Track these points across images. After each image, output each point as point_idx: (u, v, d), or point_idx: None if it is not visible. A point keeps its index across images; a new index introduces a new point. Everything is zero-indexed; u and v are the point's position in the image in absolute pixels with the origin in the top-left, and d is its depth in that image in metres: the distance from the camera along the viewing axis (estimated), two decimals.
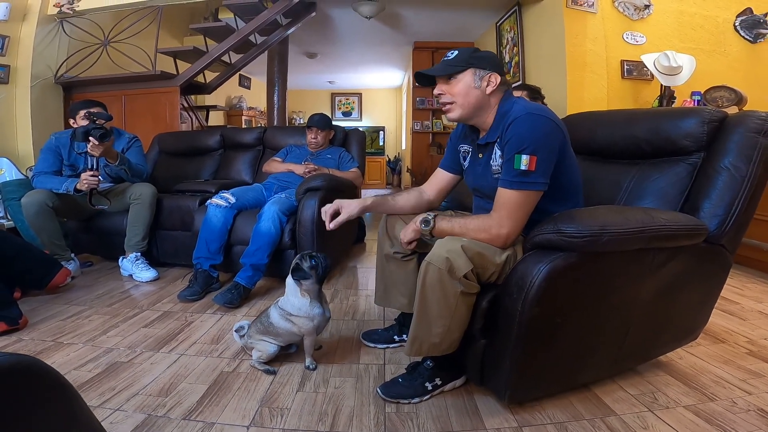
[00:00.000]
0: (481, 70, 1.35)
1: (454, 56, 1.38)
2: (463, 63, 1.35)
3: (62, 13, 4.02)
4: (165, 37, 4.76)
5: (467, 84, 1.36)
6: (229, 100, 7.46)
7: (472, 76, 1.36)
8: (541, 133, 1.24)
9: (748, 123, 1.36)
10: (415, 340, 1.34)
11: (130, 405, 1.37)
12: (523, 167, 1.22)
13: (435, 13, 5.18)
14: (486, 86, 1.35)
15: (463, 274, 1.22)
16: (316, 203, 2.43)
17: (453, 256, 1.22)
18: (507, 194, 1.26)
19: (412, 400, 1.41)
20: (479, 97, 1.36)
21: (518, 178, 1.24)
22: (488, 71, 1.35)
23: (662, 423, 1.29)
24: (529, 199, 1.25)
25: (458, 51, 1.38)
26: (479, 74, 1.35)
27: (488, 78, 1.35)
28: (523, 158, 1.22)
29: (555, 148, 1.27)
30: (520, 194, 1.25)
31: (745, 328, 1.97)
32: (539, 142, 1.23)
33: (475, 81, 1.35)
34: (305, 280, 1.55)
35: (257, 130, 3.59)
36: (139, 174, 2.80)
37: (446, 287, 1.24)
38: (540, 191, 1.26)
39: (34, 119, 3.91)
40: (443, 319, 1.28)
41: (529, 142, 1.23)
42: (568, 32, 3.65)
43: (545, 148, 1.24)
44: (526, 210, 1.26)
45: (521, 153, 1.22)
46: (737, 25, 3.84)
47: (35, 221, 2.50)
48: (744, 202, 1.33)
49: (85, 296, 2.39)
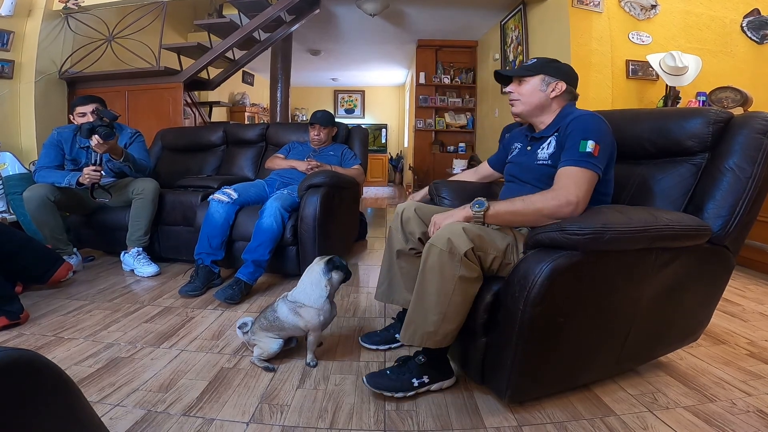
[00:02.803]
0: (550, 77, 1.48)
1: (532, 63, 1.53)
2: (536, 69, 1.50)
3: (67, 9, 4.02)
4: (169, 33, 4.76)
5: (534, 86, 1.50)
6: (232, 96, 7.47)
7: (540, 81, 1.49)
8: (604, 128, 1.37)
9: (753, 124, 1.35)
10: (410, 324, 1.36)
11: (130, 400, 1.38)
12: (588, 149, 1.31)
13: (439, 11, 5.16)
14: (551, 91, 1.48)
15: (464, 252, 1.24)
16: (318, 200, 2.44)
17: (454, 237, 1.26)
18: (573, 170, 1.31)
19: (396, 394, 1.40)
20: (542, 99, 1.49)
21: (584, 158, 1.31)
22: (557, 79, 1.48)
23: (662, 423, 1.29)
24: (591, 179, 1.31)
25: (537, 59, 1.54)
26: (547, 80, 1.48)
27: (555, 85, 1.48)
28: (588, 143, 1.32)
29: (611, 146, 1.38)
30: (585, 171, 1.30)
31: (746, 329, 1.96)
32: (602, 134, 1.35)
33: (542, 85, 1.49)
34: (339, 274, 1.59)
35: (260, 127, 3.59)
36: (142, 170, 2.81)
37: (445, 270, 1.26)
38: (598, 175, 1.33)
39: (37, 114, 3.92)
40: (440, 306, 1.29)
41: (593, 132, 1.34)
42: (574, 31, 3.64)
43: (606, 141, 1.35)
44: (589, 186, 1.30)
45: (586, 139, 1.32)
46: (744, 26, 3.82)
47: (37, 215, 2.50)
48: (748, 204, 1.32)
49: (86, 291, 2.40)
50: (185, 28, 5.65)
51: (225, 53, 4.46)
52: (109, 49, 4.17)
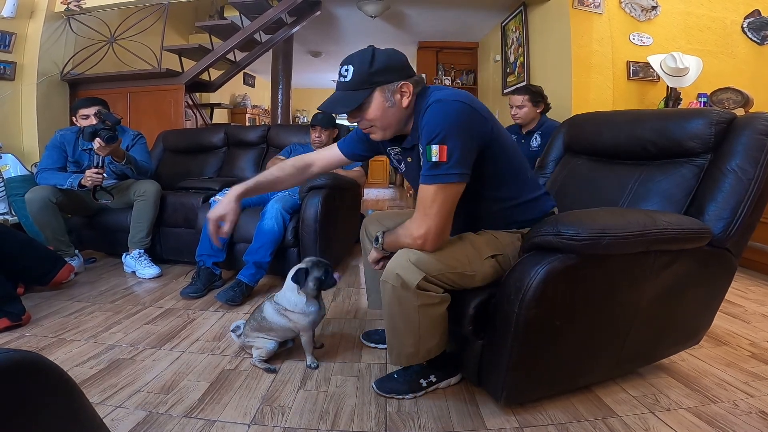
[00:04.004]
0: (388, 85, 1.21)
1: (350, 78, 1.21)
2: (365, 84, 1.20)
3: (69, 10, 4.03)
4: (171, 35, 4.78)
5: (379, 106, 1.22)
6: (233, 98, 7.48)
7: (381, 96, 1.21)
8: (451, 119, 1.13)
9: (756, 125, 1.35)
10: (392, 349, 1.38)
11: (132, 402, 1.38)
12: (434, 158, 1.11)
13: (440, 12, 5.16)
14: (400, 99, 1.23)
15: (416, 285, 1.18)
16: (319, 202, 2.44)
17: (402, 271, 1.20)
18: (422, 190, 1.17)
19: (406, 395, 1.42)
20: (397, 113, 1.24)
21: (430, 171, 1.14)
22: (396, 83, 1.21)
23: (663, 425, 1.28)
24: (445, 193, 1.15)
25: (353, 68, 1.21)
26: (389, 90, 1.21)
27: (400, 89, 1.22)
28: (433, 149, 1.11)
29: (472, 133, 1.15)
30: (434, 188, 1.14)
31: (748, 330, 1.96)
32: (449, 129, 1.12)
33: (387, 99, 1.22)
34: (313, 282, 1.54)
35: (261, 128, 3.60)
36: (144, 172, 2.81)
37: (403, 303, 1.24)
38: (458, 182, 1.15)
39: (39, 116, 3.92)
40: (411, 332, 1.29)
41: (437, 130, 1.12)
42: (574, 33, 3.64)
43: (457, 135, 1.12)
44: (443, 205, 1.16)
45: (431, 143, 1.12)
46: (745, 27, 3.82)
47: (39, 217, 2.51)
48: (750, 206, 1.31)
49: (88, 292, 2.40)
50: (186, 30, 5.66)
51: (226, 55, 4.47)
52: (110, 50, 4.18)
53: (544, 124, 2.95)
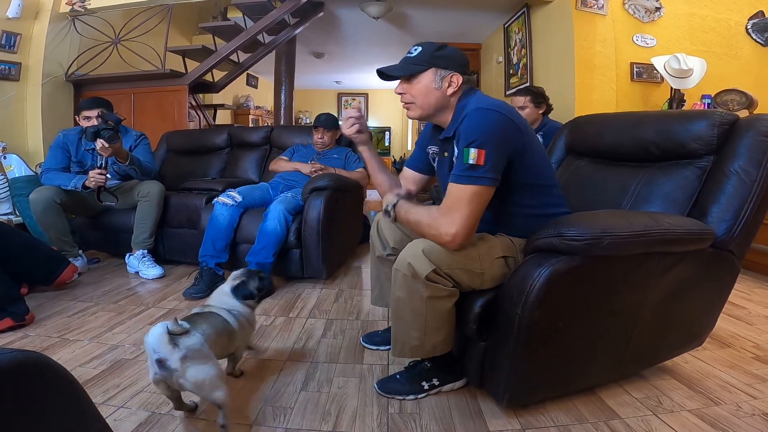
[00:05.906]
0: (443, 70, 1.31)
1: (416, 54, 1.33)
2: (425, 62, 1.31)
3: (74, 11, 4.05)
4: (174, 36, 4.79)
5: (427, 85, 1.32)
6: (236, 99, 7.49)
7: (432, 76, 1.32)
8: (490, 127, 1.20)
9: (759, 126, 1.34)
10: (396, 341, 1.38)
11: (135, 402, 1.38)
12: (471, 161, 1.17)
13: (442, 13, 5.16)
14: (447, 87, 1.32)
15: (425, 276, 1.20)
16: (322, 203, 2.44)
17: (414, 260, 1.22)
18: (454, 189, 1.21)
19: (407, 397, 1.42)
20: (439, 98, 1.33)
21: (466, 172, 1.19)
22: (450, 71, 1.31)
23: (666, 427, 1.28)
24: (478, 195, 1.19)
25: (421, 48, 1.33)
26: (440, 74, 1.31)
27: (449, 78, 1.32)
28: (471, 152, 1.17)
29: (506, 143, 1.22)
30: (468, 189, 1.19)
31: (752, 332, 1.95)
32: (487, 136, 1.18)
33: (436, 81, 1.32)
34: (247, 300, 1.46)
35: (264, 129, 3.61)
36: (148, 172, 2.82)
37: (412, 292, 1.25)
38: (489, 187, 1.20)
39: (44, 116, 3.95)
40: (417, 324, 1.29)
41: (477, 135, 1.18)
42: (578, 34, 3.63)
43: (493, 143, 1.19)
44: (477, 206, 1.20)
45: (469, 147, 1.18)
46: (749, 28, 3.81)
47: (43, 217, 2.52)
48: (753, 207, 1.31)
49: (91, 293, 2.41)
50: (190, 31, 5.68)
51: (229, 56, 4.49)
52: (115, 51, 4.20)
53: (546, 125, 2.95)
